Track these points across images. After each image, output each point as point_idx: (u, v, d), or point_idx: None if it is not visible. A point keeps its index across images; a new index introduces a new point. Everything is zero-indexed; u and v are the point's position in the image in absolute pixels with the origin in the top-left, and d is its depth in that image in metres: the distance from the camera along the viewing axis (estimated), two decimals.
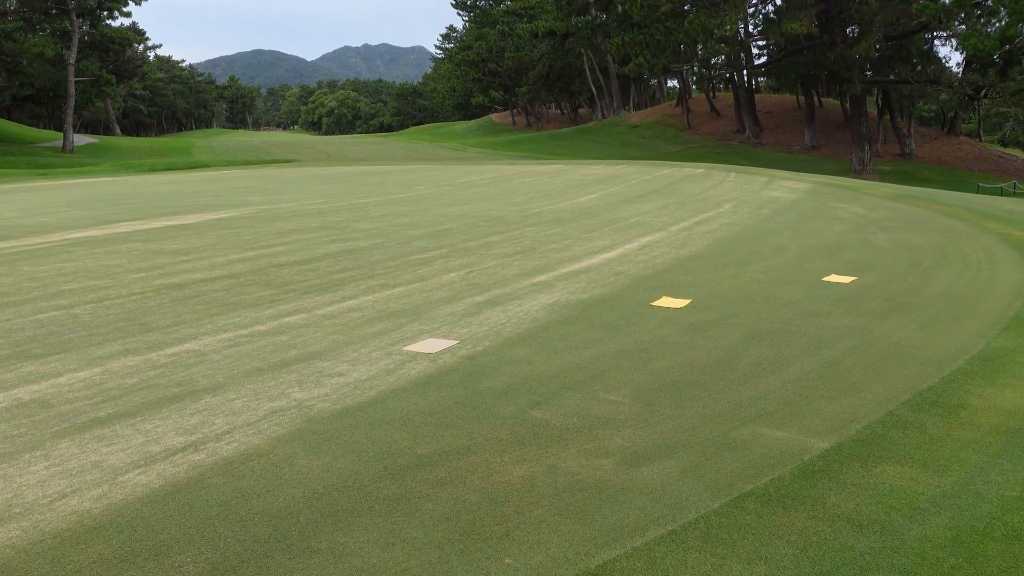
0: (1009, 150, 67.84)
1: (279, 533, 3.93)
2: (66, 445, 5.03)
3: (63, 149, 62.17)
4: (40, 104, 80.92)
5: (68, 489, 4.42)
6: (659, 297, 9.31)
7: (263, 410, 5.61)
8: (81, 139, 72.34)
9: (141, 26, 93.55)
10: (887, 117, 61.64)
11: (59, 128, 78.83)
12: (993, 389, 6.04)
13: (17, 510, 4.18)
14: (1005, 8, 40.39)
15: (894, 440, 5.06)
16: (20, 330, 7.91)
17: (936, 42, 58.78)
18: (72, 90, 62.08)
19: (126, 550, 3.80)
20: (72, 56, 61.70)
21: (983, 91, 51.27)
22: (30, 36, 60.43)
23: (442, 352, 7.05)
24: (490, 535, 3.90)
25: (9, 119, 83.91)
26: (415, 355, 6.97)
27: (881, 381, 6.24)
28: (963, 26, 49.14)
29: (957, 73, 59.21)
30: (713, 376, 6.38)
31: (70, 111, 63.15)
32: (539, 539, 3.87)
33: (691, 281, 10.27)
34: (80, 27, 64.30)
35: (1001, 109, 62.93)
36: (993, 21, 46.81)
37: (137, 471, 4.64)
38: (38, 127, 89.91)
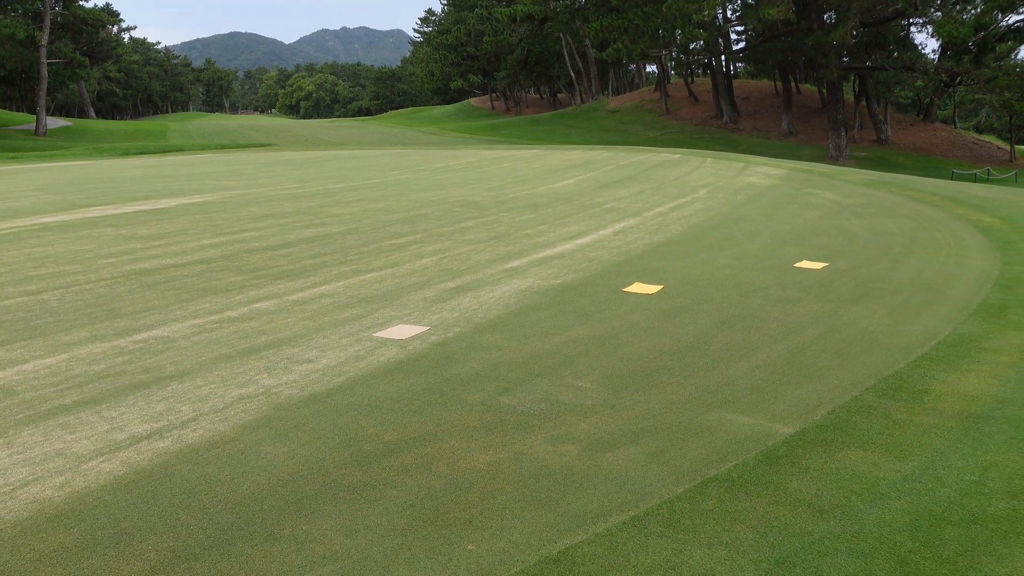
0: (984, 136, 68.46)
1: (242, 520, 3.92)
2: (29, 433, 4.99)
3: (36, 132, 61.35)
4: (12, 86, 79.81)
5: (30, 477, 4.39)
6: (631, 283, 9.33)
7: (230, 397, 5.59)
8: (55, 122, 71.40)
9: (115, 7, 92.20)
10: (863, 103, 61.98)
11: (32, 111, 77.83)
12: (957, 375, 6.11)
13: None
14: None
15: (857, 425, 5.11)
16: None
17: (912, 29, 59.18)
18: (44, 72, 61.21)
19: (87, 538, 3.78)
20: (44, 38, 60.80)
21: (958, 78, 51.64)
22: (1, 17, 59.42)
23: (412, 338, 7.04)
24: (454, 522, 3.91)
25: None
26: (385, 341, 6.96)
27: (848, 367, 6.30)
28: (939, 13, 49.49)
29: (933, 60, 59.62)
30: (682, 362, 6.42)
31: (43, 93, 62.28)
32: (502, 525, 3.88)
33: (664, 267, 10.30)
34: (52, 8, 63.35)
35: (976, 96, 63.39)
36: (968, 9, 47.19)
37: (101, 459, 4.61)
38: (10, 110, 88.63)
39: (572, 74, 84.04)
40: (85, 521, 3.92)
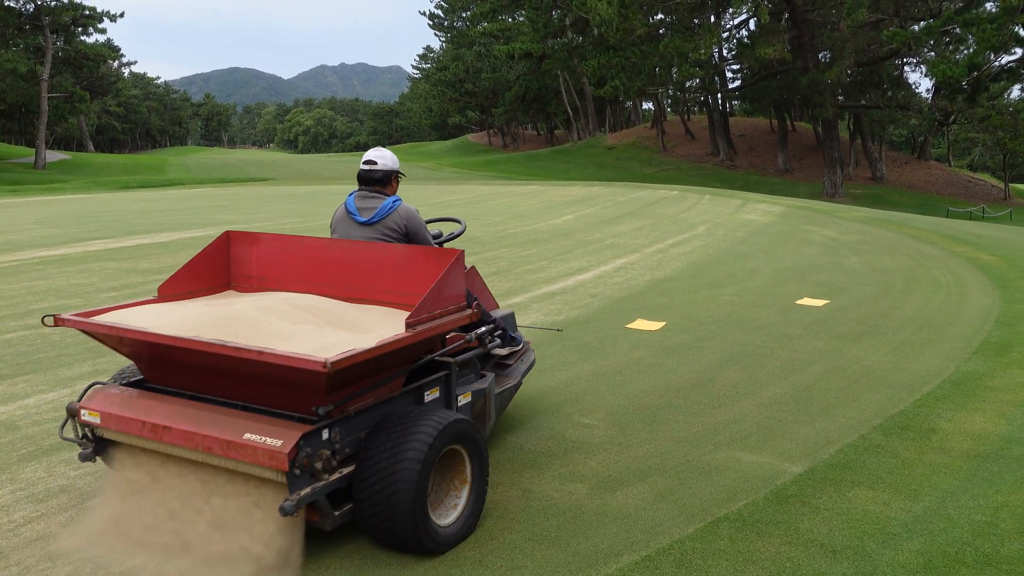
0: (978, 175, 68.97)
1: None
2: (33, 469, 4.95)
3: (35, 165, 61.54)
4: (12, 120, 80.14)
5: (34, 514, 4.34)
6: (634, 319, 9.34)
7: None
8: (54, 155, 71.64)
9: (116, 42, 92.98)
10: (859, 141, 62.50)
11: (31, 144, 78.08)
12: (963, 413, 6.10)
13: None
14: (973, 36, 41.17)
15: (866, 464, 5.09)
16: None
17: (906, 68, 59.84)
18: (45, 106, 61.54)
19: None
20: (45, 72, 61.22)
21: (952, 117, 52.10)
22: (3, 51, 59.82)
23: None
24: (464, 561, 3.87)
25: None
26: None
27: (853, 405, 6.29)
28: (932, 53, 50.11)
29: (927, 99, 60.19)
30: (688, 399, 6.40)
31: (43, 127, 62.57)
32: (513, 565, 3.84)
33: (666, 303, 10.31)
34: (54, 43, 63.86)
35: (970, 135, 64.00)
36: (961, 48, 47.79)
37: (106, 496, 4.56)
38: (10, 143, 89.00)
39: (569, 111, 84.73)
40: (89, 559, 3.87)
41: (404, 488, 3.67)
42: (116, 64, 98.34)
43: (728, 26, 57.08)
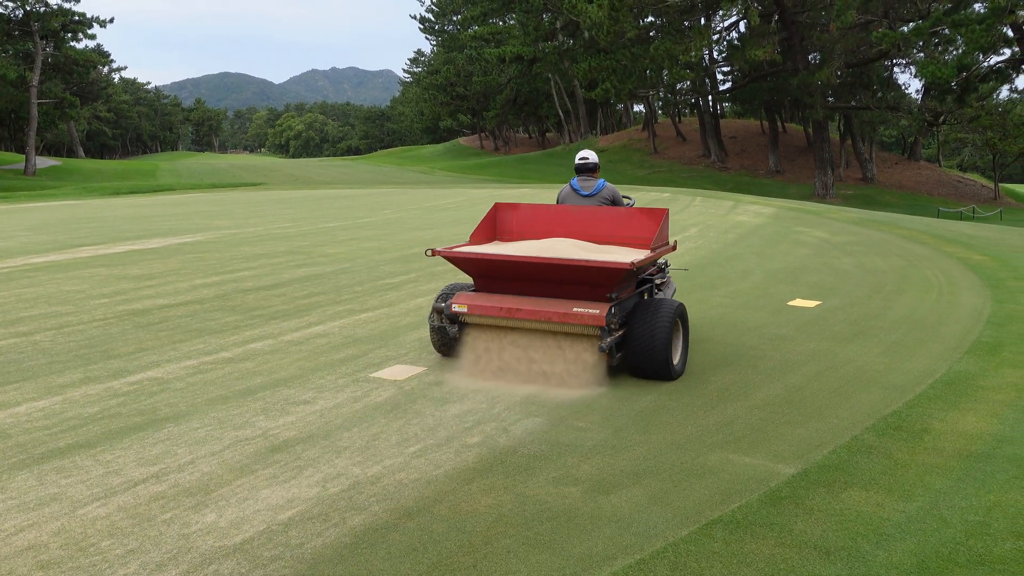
0: (968, 175, 69.29)
1: (242, 568, 3.86)
2: (23, 477, 4.92)
3: (25, 172, 61.35)
4: (2, 126, 79.95)
5: (25, 523, 4.32)
6: None
7: (227, 439, 5.53)
8: (44, 161, 71.43)
9: (106, 48, 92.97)
10: (849, 142, 62.73)
11: (21, 150, 77.82)
12: (956, 413, 6.12)
13: None
14: (962, 37, 41.38)
15: (859, 465, 5.10)
16: None
17: (896, 69, 60.14)
18: (35, 112, 61.39)
19: None
20: (35, 78, 61.08)
21: (942, 117, 52.34)
22: None
23: (409, 379, 7.01)
24: (458, 566, 3.86)
25: None
26: (382, 382, 6.92)
27: (846, 406, 6.30)
28: (921, 54, 50.35)
29: (916, 100, 60.49)
30: (680, 401, 6.40)
31: (32, 133, 62.40)
32: (507, 569, 3.83)
33: None
34: (44, 49, 63.69)
35: (959, 135, 64.27)
36: (950, 49, 48.04)
37: (97, 503, 4.54)
38: (0, 149, 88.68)
39: (561, 113, 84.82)
40: (81, 568, 3.85)
41: (661, 341, 6.60)
42: (106, 70, 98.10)
43: (718, 28, 57.24)
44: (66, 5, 63.32)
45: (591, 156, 8.08)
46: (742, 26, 54.14)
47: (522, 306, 6.56)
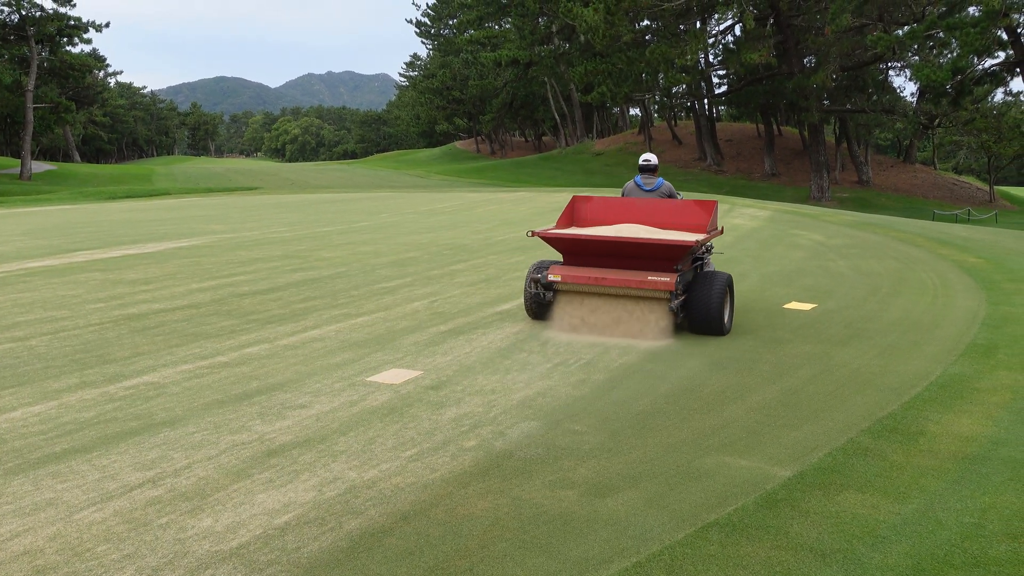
0: (963, 177, 69.43)
1: (238, 574, 3.86)
2: (19, 482, 4.91)
3: (20, 176, 61.29)
4: None
5: (21, 528, 4.31)
6: None
7: (224, 444, 5.53)
8: (39, 166, 71.37)
9: (102, 52, 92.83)
10: (844, 145, 62.86)
11: (16, 155, 77.74)
12: (951, 416, 6.13)
13: None
14: (956, 40, 41.50)
15: (855, 468, 5.11)
16: None
17: (891, 72, 60.27)
18: (30, 117, 61.35)
19: None
20: (31, 83, 61.04)
21: (937, 120, 52.49)
22: None
23: (406, 383, 7.01)
24: (454, 570, 3.86)
25: None
26: (378, 386, 6.93)
27: (841, 408, 6.31)
28: (916, 57, 50.44)
29: (911, 103, 60.59)
30: (676, 405, 6.41)
31: (28, 138, 62.34)
32: (504, 573, 3.84)
33: None
34: (39, 53, 63.66)
35: (954, 138, 64.44)
36: (945, 53, 48.12)
37: (93, 508, 4.54)
38: None
39: (557, 117, 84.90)
40: (78, 573, 3.85)
41: (717, 304, 8.41)
42: (102, 74, 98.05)
43: (714, 32, 57.38)
44: (62, 10, 63.34)
45: (652, 159, 9.83)
46: (737, 30, 54.30)
47: (607, 276, 8.31)
